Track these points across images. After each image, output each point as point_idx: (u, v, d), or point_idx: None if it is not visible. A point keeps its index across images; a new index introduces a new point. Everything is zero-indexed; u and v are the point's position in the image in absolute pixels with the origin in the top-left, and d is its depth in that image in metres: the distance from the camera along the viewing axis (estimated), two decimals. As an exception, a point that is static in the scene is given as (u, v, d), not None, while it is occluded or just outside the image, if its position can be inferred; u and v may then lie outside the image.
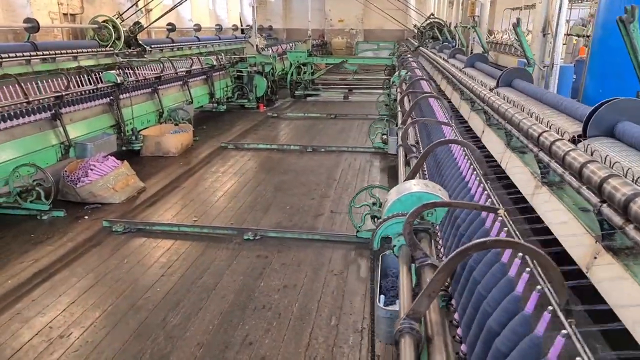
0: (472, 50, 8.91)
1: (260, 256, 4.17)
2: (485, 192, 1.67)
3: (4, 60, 7.49)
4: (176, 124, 8.03)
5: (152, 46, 11.79)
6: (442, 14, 16.43)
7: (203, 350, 2.98)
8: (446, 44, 10.34)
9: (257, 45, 11.29)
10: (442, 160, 2.50)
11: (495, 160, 2.98)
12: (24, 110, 5.16)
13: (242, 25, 20.81)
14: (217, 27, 17.75)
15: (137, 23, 11.04)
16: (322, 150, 7.64)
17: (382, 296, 1.76)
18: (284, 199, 5.62)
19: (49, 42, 9.05)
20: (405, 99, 4.41)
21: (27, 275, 3.84)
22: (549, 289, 1.01)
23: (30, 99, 5.16)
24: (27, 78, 7.41)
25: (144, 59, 10.66)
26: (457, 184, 1.97)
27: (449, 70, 6.34)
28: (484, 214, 1.54)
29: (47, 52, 8.39)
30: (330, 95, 13.37)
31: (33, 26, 8.51)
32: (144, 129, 7.43)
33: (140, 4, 11.81)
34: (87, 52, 9.53)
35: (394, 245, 1.66)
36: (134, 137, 6.93)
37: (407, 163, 2.75)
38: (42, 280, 3.79)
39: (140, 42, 11.03)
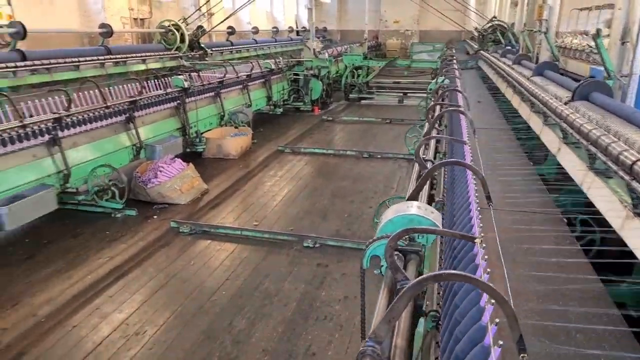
0: (538, 55, 8.56)
1: (320, 265, 4.23)
2: (477, 218, 1.66)
3: (81, 63, 8.02)
4: (236, 127, 8.28)
5: (213, 49, 12.17)
6: (504, 15, 15.90)
7: (268, 357, 3.08)
8: (509, 48, 10.01)
9: (314, 49, 11.40)
10: (457, 179, 2.43)
11: (574, 181, 2.87)
12: (102, 114, 5.49)
13: (297, 27, 21.09)
14: (274, 29, 18.05)
15: (200, 27, 11.44)
16: (379, 156, 7.63)
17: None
18: (341, 206, 5.67)
19: (121, 46, 9.55)
20: (437, 108, 4.28)
21: (104, 272, 4.11)
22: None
23: (109, 104, 5.49)
24: (100, 80, 7.90)
25: (206, 62, 11.04)
26: (463, 206, 1.95)
27: (516, 78, 6.14)
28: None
29: (119, 56, 8.89)
30: (385, 99, 13.29)
31: (107, 31, 9.00)
32: (206, 131, 7.71)
33: (203, 9, 12.22)
34: (154, 55, 9.99)
35: (381, 266, 1.67)
36: (197, 140, 7.21)
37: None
38: (117, 277, 4.04)
39: (202, 45, 11.43)
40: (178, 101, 6.91)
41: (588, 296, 1.80)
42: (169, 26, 10.69)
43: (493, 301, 1.06)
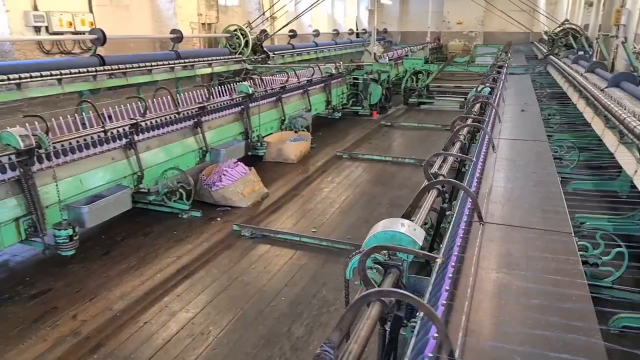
0: (613, 62, 8.09)
1: (377, 276, 4.25)
2: (460, 237, 1.81)
3: (153, 67, 8.49)
4: (296, 131, 8.44)
5: (275, 52, 12.46)
6: (576, 17, 15.09)
7: (326, 367, 3.15)
8: (582, 54, 9.52)
9: (374, 54, 11.38)
10: (461, 197, 2.48)
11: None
12: (173, 119, 5.80)
13: (357, 29, 21.11)
14: (334, 31, 18.19)
15: (263, 31, 11.75)
16: None
17: None
18: (398, 216, 5.63)
19: (189, 50, 9.99)
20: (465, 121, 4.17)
21: (172, 271, 4.35)
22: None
23: (180, 110, 5.79)
24: (169, 84, 8.30)
25: (268, 65, 11.33)
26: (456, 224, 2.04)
27: (588, 89, 5.85)
28: (453, 257, 1.70)
29: (187, 60, 9.33)
30: (445, 104, 13.02)
31: (177, 37, 9.48)
32: (267, 135, 7.93)
33: (267, 13, 12.53)
34: (219, 59, 10.38)
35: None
36: (258, 144, 7.42)
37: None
38: (184, 277, 4.27)
39: (265, 48, 11.73)
40: (242, 106, 7.15)
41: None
42: (234, 31, 11.08)
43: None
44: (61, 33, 7.89)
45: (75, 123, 4.71)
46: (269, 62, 11.71)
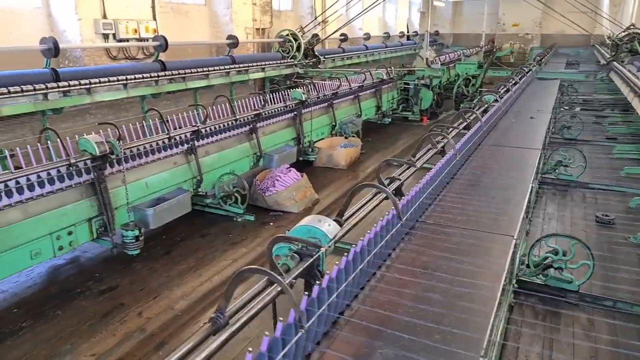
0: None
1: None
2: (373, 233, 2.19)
3: (210, 72, 8.80)
4: (346, 137, 8.51)
5: (326, 56, 12.58)
6: (642, 20, 14.29)
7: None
8: (649, 61, 9.01)
9: (427, 59, 11.26)
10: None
11: None
12: (230, 125, 6.01)
13: (408, 32, 20.91)
14: (385, 34, 18.10)
15: (315, 35, 11.90)
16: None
17: None
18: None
19: (243, 55, 10.27)
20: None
21: (228, 274, 4.53)
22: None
23: (237, 117, 6.00)
24: (224, 88, 8.57)
25: (319, 69, 11.46)
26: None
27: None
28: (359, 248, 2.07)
29: (242, 65, 9.60)
30: (498, 110, 12.66)
31: (233, 42, 9.76)
32: (317, 141, 8.04)
33: (319, 17, 12.67)
34: (272, 64, 10.60)
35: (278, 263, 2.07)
36: (310, 150, 7.54)
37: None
38: (240, 280, 4.43)
39: (316, 53, 11.87)
40: (295, 112, 7.30)
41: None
42: (287, 35, 11.29)
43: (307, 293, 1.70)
44: (127, 40, 8.33)
45: (143, 129, 4.99)
46: (319, 66, 11.85)
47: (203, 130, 5.52)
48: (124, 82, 7.12)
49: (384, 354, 1.80)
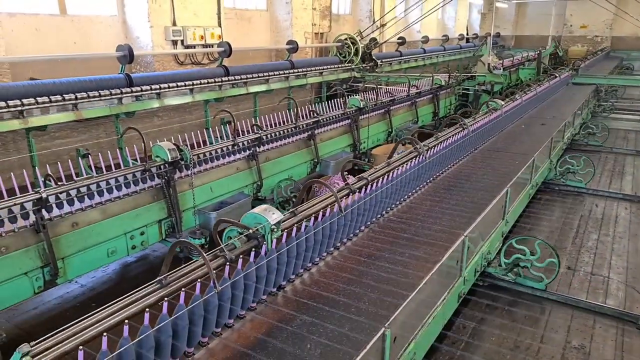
0: None
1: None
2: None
3: (270, 77, 9.01)
4: (403, 144, 8.46)
5: (383, 60, 12.54)
6: None
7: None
8: None
9: (488, 64, 10.98)
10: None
11: None
12: (290, 132, 6.10)
13: (467, 34, 20.41)
14: (444, 37, 17.78)
15: (373, 39, 11.89)
16: (574, 192, 6.97)
17: None
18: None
19: (302, 60, 10.43)
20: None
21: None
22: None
23: (297, 123, 6.13)
24: (283, 92, 8.73)
25: (377, 73, 11.45)
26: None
27: None
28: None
29: (300, 69, 9.76)
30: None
31: (293, 47, 9.96)
32: (374, 147, 8.05)
33: (377, 21, 12.66)
34: (330, 68, 10.71)
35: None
36: (365, 159, 7.55)
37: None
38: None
39: (373, 57, 11.87)
40: (352, 119, 7.34)
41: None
42: (345, 40, 11.36)
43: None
44: (193, 46, 8.70)
45: (209, 135, 5.20)
46: (376, 70, 11.84)
47: (264, 137, 5.67)
48: (191, 87, 7.46)
49: (302, 319, 2.25)
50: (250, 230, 2.44)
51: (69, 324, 1.69)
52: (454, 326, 3.64)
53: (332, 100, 7.40)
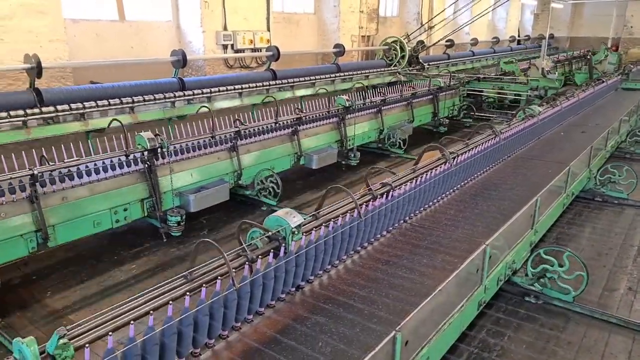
0: None
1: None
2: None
3: (316, 80, 9.14)
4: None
5: (430, 63, 12.41)
6: None
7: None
8: None
9: (542, 69, 10.62)
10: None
11: None
12: (272, 127, 6.33)
13: (519, 36, 19.76)
14: (494, 39, 17.30)
15: (420, 42, 11.79)
16: (615, 202, 6.60)
17: None
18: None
19: (348, 63, 10.49)
20: None
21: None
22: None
23: (278, 119, 6.36)
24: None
25: (423, 75, 11.32)
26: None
27: None
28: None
29: (346, 73, 9.84)
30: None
31: (340, 50, 10.04)
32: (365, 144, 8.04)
33: (426, 24, 12.54)
34: (376, 71, 10.73)
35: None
36: (352, 154, 7.46)
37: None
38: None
39: (420, 59, 11.77)
40: (340, 117, 7.32)
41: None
42: (392, 42, 11.34)
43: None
44: (242, 50, 9.00)
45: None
46: (423, 73, 11.73)
47: (243, 132, 5.90)
48: (240, 90, 7.72)
49: (315, 320, 2.36)
50: (271, 232, 2.60)
51: (101, 312, 1.92)
52: (477, 331, 3.62)
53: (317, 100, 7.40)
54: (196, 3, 8.36)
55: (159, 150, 4.89)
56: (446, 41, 13.95)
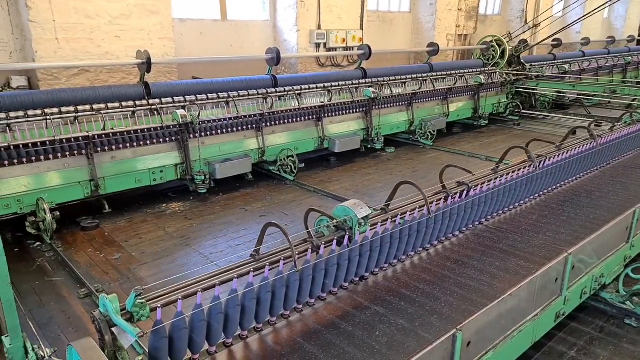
0: None
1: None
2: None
3: (406, 80, 9.00)
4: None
5: (533, 63, 11.61)
6: None
7: None
8: None
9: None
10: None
11: None
12: (297, 114, 7.11)
13: (639, 36, 17.75)
14: (609, 39, 15.71)
15: (523, 41, 11.07)
16: None
17: None
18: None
19: (442, 63, 10.17)
20: None
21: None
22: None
23: (301, 106, 7.09)
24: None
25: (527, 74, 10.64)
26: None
27: None
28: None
29: (440, 73, 9.55)
30: None
31: (434, 50, 9.76)
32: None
33: (530, 21, 11.77)
34: (471, 71, 10.26)
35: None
36: (377, 139, 8.00)
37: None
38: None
39: (521, 60, 11.06)
40: (367, 107, 7.88)
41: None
42: (491, 42, 10.78)
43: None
44: (335, 49, 9.15)
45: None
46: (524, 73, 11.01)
47: (267, 116, 6.72)
48: (329, 88, 7.84)
49: (375, 310, 2.36)
50: (338, 221, 2.66)
51: (176, 285, 2.10)
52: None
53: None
54: (293, 2, 8.65)
55: (190, 125, 5.76)
56: (553, 40, 12.97)
